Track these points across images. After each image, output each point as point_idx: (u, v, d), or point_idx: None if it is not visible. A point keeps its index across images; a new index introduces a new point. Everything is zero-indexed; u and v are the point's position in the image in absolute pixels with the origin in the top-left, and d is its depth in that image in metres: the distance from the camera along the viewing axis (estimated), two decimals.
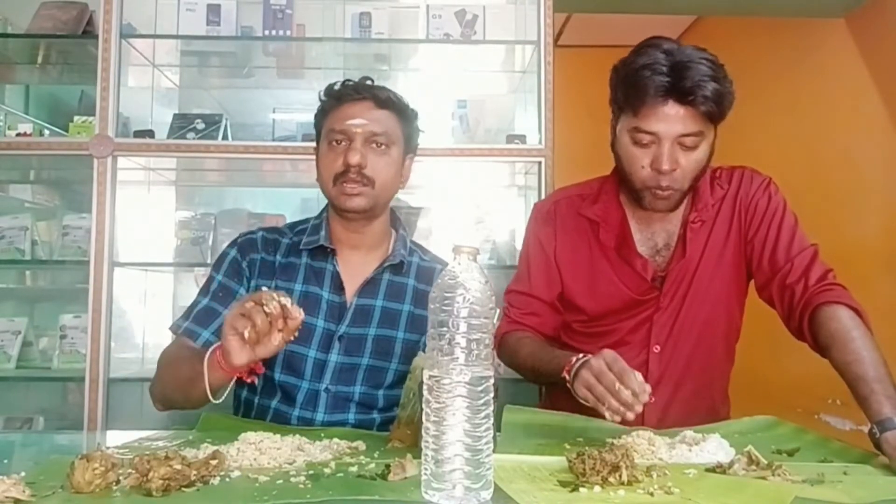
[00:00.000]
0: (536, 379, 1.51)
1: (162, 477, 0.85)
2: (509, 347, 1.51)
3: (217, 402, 1.23)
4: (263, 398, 1.45)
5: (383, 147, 1.43)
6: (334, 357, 1.43)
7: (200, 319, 1.43)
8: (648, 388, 1.14)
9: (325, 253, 1.48)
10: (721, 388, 1.57)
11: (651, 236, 1.49)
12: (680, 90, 1.29)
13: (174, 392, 1.34)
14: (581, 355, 1.26)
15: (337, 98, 1.45)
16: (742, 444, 1.05)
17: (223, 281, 1.47)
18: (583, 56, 4.57)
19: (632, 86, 1.33)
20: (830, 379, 1.49)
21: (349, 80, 1.47)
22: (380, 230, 1.51)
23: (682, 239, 1.47)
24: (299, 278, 1.47)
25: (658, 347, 1.48)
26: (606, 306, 1.49)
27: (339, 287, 1.46)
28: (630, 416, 1.14)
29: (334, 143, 1.43)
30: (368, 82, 1.46)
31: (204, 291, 1.48)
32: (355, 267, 1.49)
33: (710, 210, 1.48)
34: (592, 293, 1.50)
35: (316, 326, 1.44)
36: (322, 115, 1.48)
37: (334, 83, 1.48)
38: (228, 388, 1.24)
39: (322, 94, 1.49)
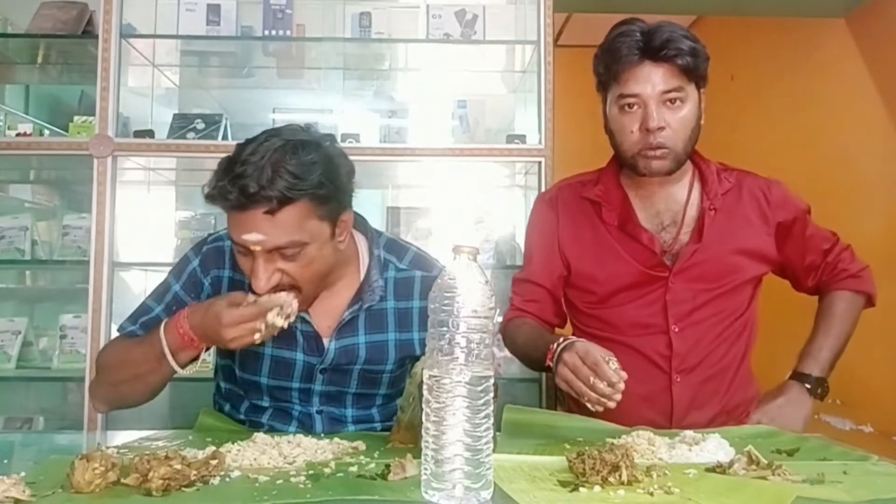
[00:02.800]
0: (532, 367, 1.53)
1: (162, 477, 0.85)
2: (510, 334, 1.54)
3: (183, 371, 1.24)
4: (258, 416, 1.39)
5: (293, 253, 1.19)
6: (318, 386, 1.37)
7: (148, 328, 1.32)
8: (624, 375, 1.17)
9: None
10: (746, 366, 1.57)
11: (656, 214, 1.51)
12: (652, 49, 1.37)
13: (127, 382, 1.29)
14: (561, 339, 1.27)
15: (224, 206, 1.17)
16: (742, 446, 1.05)
17: (179, 294, 1.35)
18: (583, 56, 4.53)
19: (609, 54, 1.42)
20: (830, 379, 1.50)
21: (239, 175, 1.13)
22: (339, 268, 1.32)
23: (698, 224, 1.49)
24: None
25: (676, 328, 1.49)
26: (615, 283, 1.50)
27: (309, 323, 1.33)
28: (611, 405, 1.17)
29: (238, 251, 1.21)
30: (256, 183, 1.12)
31: (157, 297, 1.36)
32: (325, 301, 1.33)
33: (721, 199, 1.50)
34: (600, 271, 1.52)
35: (295, 360, 1.34)
36: (213, 205, 1.20)
37: (229, 166, 1.16)
38: (199, 361, 1.24)
39: (213, 178, 1.18)
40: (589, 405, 1.19)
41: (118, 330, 1.39)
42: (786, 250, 1.54)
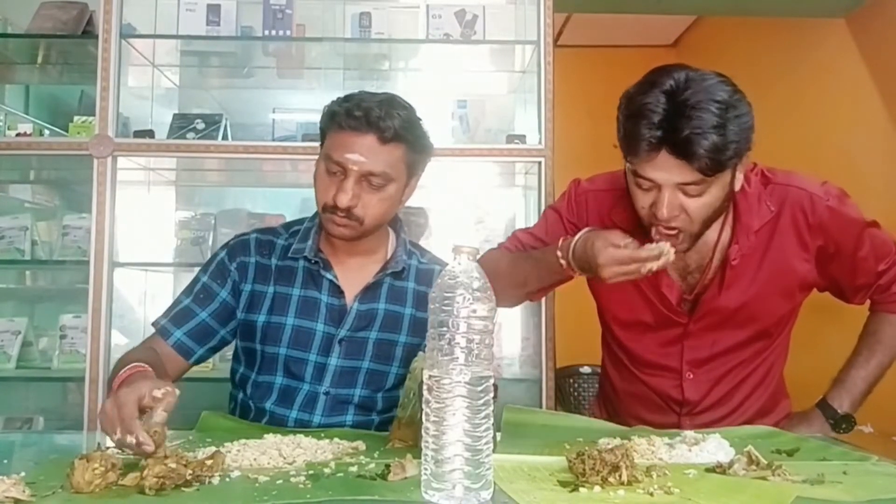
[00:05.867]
0: (516, 286, 1.42)
1: (157, 475, 0.85)
2: (489, 260, 1.40)
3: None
4: (260, 401, 1.43)
5: (379, 184, 1.36)
6: (334, 360, 1.42)
7: (177, 318, 1.44)
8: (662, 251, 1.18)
9: (320, 259, 1.45)
10: (771, 393, 1.51)
11: (682, 256, 1.38)
12: (672, 142, 1.18)
13: None
14: (563, 242, 1.27)
15: (339, 125, 1.35)
16: (742, 446, 1.05)
17: (206, 282, 1.46)
18: (583, 56, 4.56)
19: (626, 129, 1.23)
20: (829, 380, 1.49)
21: (363, 101, 1.35)
22: (375, 239, 1.47)
23: (719, 274, 1.39)
24: (297, 282, 1.45)
25: (691, 375, 1.44)
26: (635, 317, 1.45)
27: (338, 292, 1.45)
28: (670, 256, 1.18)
29: (330, 170, 1.37)
30: (378, 111, 1.33)
31: (187, 291, 1.48)
32: (353, 272, 1.46)
33: (754, 239, 1.37)
34: (619, 302, 1.46)
35: (315, 331, 1.43)
36: (327, 125, 1.40)
37: (350, 96, 1.38)
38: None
39: (335, 103, 1.39)
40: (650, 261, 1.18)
41: (152, 324, 1.47)
42: (831, 271, 1.41)
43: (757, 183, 1.38)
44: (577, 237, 1.27)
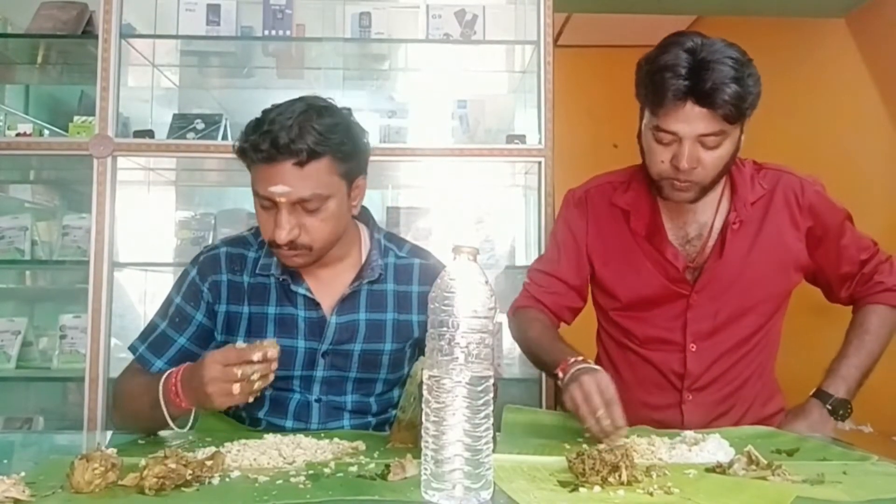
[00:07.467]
0: (534, 363, 1.53)
1: (156, 475, 0.85)
2: (520, 323, 1.54)
3: (183, 430, 1.21)
4: (252, 411, 1.39)
5: (315, 207, 1.26)
6: (320, 372, 1.38)
7: (156, 346, 1.37)
8: (625, 428, 1.16)
9: (290, 273, 1.37)
10: (766, 380, 1.55)
11: (682, 226, 1.49)
12: (699, 92, 1.28)
13: (138, 423, 1.28)
14: (579, 358, 1.27)
15: (252, 160, 1.26)
16: (742, 446, 1.05)
17: (180, 304, 1.38)
18: (583, 56, 4.56)
19: (652, 86, 1.33)
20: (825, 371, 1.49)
21: (271, 128, 1.24)
22: (343, 245, 1.39)
23: (720, 238, 1.46)
24: (272, 300, 1.38)
25: (694, 346, 1.48)
26: (638, 294, 1.50)
27: (313, 305, 1.38)
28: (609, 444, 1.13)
29: (262, 205, 1.29)
30: (286, 135, 1.22)
31: (162, 313, 1.40)
32: (327, 282, 1.39)
33: (750, 210, 1.46)
34: (623, 280, 1.51)
35: (297, 348, 1.36)
36: (243, 161, 1.30)
37: (258, 124, 1.28)
38: (192, 415, 1.21)
39: (241, 137, 1.30)
40: (588, 434, 1.19)
41: (129, 349, 1.40)
42: (817, 258, 1.49)
43: (750, 166, 1.50)
44: (570, 372, 1.24)
